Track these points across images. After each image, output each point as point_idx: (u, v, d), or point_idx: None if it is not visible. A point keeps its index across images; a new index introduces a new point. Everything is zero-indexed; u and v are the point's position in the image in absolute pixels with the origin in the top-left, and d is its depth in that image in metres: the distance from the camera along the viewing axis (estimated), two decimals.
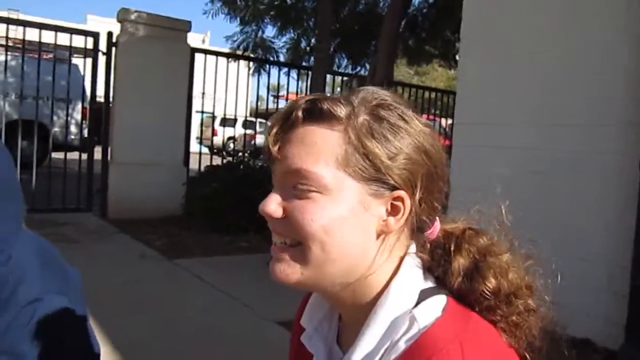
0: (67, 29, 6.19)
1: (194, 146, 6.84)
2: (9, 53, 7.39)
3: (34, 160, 5.81)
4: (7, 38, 5.87)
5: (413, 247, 0.74)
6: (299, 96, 0.75)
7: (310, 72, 7.96)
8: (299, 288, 0.73)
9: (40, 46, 5.98)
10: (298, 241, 0.69)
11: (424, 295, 0.69)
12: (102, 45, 6.13)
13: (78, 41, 6.12)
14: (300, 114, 0.69)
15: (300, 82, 9.89)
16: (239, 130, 16.63)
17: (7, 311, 1.31)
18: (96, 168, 6.21)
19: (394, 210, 0.70)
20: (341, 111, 0.69)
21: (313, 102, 0.70)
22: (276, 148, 0.70)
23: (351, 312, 0.75)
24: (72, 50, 6.26)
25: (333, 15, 6.42)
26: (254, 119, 15.65)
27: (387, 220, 0.70)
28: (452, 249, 0.74)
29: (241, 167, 5.76)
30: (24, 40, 5.84)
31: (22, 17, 18.37)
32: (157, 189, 5.98)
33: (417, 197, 0.70)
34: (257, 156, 8.20)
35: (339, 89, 8.54)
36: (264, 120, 16.12)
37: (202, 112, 6.76)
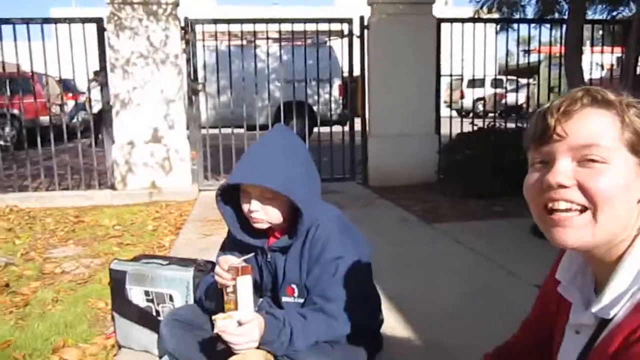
0: (326, 19, 6.85)
1: (443, 111, 7.02)
2: (275, 44, 8.56)
3: (306, 136, 6.68)
4: (279, 32, 6.77)
5: None
6: (575, 90, 0.92)
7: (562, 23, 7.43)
8: (581, 249, 0.91)
9: (305, 35, 6.81)
10: (584, 207, 0.86)
11: None
12: (356, 28, 6.67)
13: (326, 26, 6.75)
14: (584, 100, 0.88)
15: (553, 32, 9.20)
16: (487, 91, 16.21)
17: (319, 265, 1.73)
18: (357, 140, 6.88)
19: None
20: (613, 98, 0.88)
21: (591, 92, 0.89)
22: (560, 127, 0.88)
23: (603, 266, 0.91)
24: (330, 34, 6.99)
25: None
26: (503, 77, 15.06)
27: None
28: None
29: (492, 133, 5.76)
30: (292, 32, 6.69)
31: (282, 9, 20.62)
32: (412, 157, 6.39)
33: None
34: (508, 116, 8.00)
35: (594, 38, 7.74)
36: (514, 78, 15.34)
37: (450, 75, 6.86)
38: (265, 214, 1.71)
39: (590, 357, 0.91)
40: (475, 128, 6.14)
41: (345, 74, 7.23)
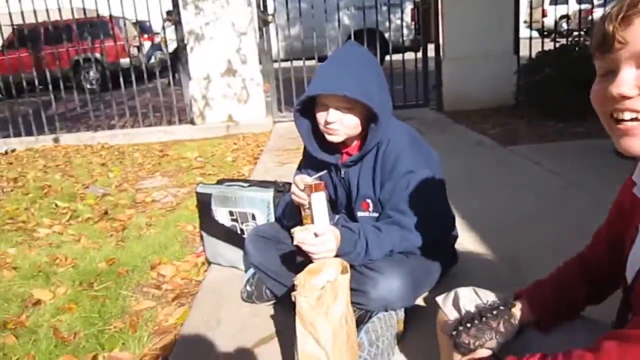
0: None
1: (523, 31, 6.66)
2: None
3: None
4: None
5: None
6: None
7: None
8: None
9: None
10: None
11: None
12: None
13: None
14: None
15: None
16: (572, 7, 15.09)
17: (391, 179, 1.79)
18: (430, 65, 6.71)
19: None
20: None
21: None
22: (620, 35, 0.82)
23: None
24: None
25: None
26: None
27: None
28: None
29: (576, 49, 5.43)
30: None
31: None
32: (488, 79, 6.17)
33: None
34: None
35: None
36: None
37: None
38: (341, 125, 1.76)
39: None
40: (557, 45, 5.80)
41: None
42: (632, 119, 0.84)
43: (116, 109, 6.77)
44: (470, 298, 1.33)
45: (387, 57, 6.97)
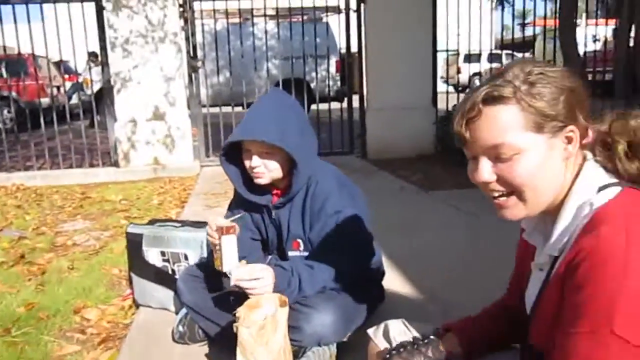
0: None
1: (441, 86, 7.11)
2: (272, 21, 8.63)
3: (305, 111, 6.77)
4: (277, 9, 6.84)
5: (589, 155, 1.01)
6: (472, 90, 0.98)
7: None
8: (526, 217, 1.05)
9: (302, 11, 6.89)
10: (511, 191, 0.99)
11: (602, 187, 0.97)
12: (352, 3, 6.73)
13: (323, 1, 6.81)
14: (480, 103, 0.95)
15: (549, 5, 9.28)
16: (484, 65, 16.26)
17: (320, 219, 1.87)
18: (355, 115, 6.99)
19: (569, 140, 0.97)
20: (508, 91, 0.95)
21: (487, 91, 0.96)
22: (468, 133, 0.97)
23: (554, 214, 1.03)
24: (327, 10, 7.06)
25: None
26: (499, 52, 15.09)
27: (567, 149, 0.98)
28: (609, 139, 1.00)
29: None
30: (290, 8, 6.76)
31: None
32: (409, 130, 6.51)
33: (580, 121, 0.96)
34: None
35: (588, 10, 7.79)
36: (510, 52, 15.42)
37: (447, 50, 6.96)
38: (266, 169, 1.84)
39: (546, 289, 1.04)
40: None
41: (343, 50, 7.30)
42: (499, 196, 1.00)
43: (34, 149, 6.51)
44: (400, 330, 1.42)
45: (314, 106, 7.20)
